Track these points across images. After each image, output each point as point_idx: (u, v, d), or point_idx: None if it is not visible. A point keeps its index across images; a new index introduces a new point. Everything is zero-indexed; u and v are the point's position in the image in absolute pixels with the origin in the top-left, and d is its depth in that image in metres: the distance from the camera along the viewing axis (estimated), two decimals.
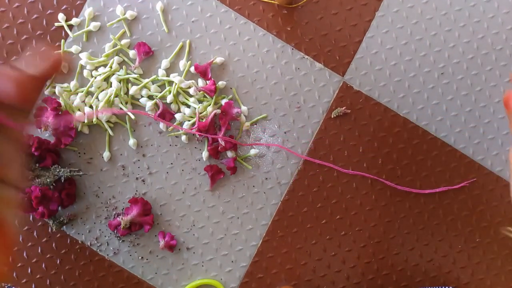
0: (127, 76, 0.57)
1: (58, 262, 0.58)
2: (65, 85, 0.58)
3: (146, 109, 0.57)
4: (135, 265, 0.58)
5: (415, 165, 0.59)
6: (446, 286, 0.58)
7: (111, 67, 0.57)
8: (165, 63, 0.58)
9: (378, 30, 0.59)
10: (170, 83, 0.58)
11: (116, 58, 0.58)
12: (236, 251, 0.58)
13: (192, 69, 0.58)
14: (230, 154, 0.58)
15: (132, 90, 0.57)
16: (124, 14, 0.58)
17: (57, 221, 0.56)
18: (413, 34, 0.59)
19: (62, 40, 0.58)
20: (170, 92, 0.57)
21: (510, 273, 0.59)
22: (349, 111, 0.59)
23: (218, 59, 0.58)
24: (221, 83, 0.58)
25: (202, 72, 0.57)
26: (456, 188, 0.59)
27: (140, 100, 0.58)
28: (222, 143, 0.56)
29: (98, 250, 0.57)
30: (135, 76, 0.57)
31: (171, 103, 0.58)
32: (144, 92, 0.57)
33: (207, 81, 0.58)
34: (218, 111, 0.57)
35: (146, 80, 0.57)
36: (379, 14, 0.59)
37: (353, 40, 0.59)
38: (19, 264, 0.57)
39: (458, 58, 0.59)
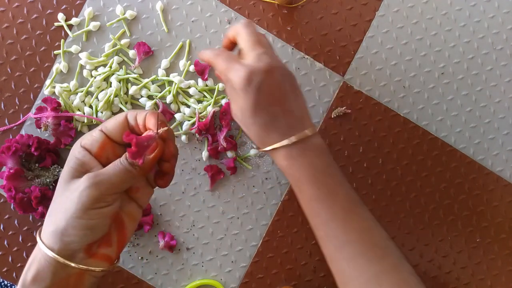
0: (126, 76, 0.57)
1: None
2: (65, 85, 0.58)
3: (146, 109, 0.57)
4: (135, 265, 0.58)
5: (416, 165, 0.59)
6: None
7: (110, 67, 0.57)
8: (165, 63, 0.58)
9: (378, 30, 0.59)
10: (170, 83, 0.58)
11: (115, 58, 0.58)
12: (236, 251, 0.58)
13: (192, 68, 0.58)
14: (230, 154, 0.58)
15: (132, 90, 0.57)
16: (124, 14, 0.58)
17: None
18: (413, 34, 0.59)
19: (62, 40, 0.58)
20: (169, 92, 0.57)
21: (511, 273, 0.59)
22: (349, 111, 0.59)
23: None
24: (221, 86, 0.58)
25: (200, 71, 0.57)
26: (456, 188, 0.59)
27: (139, 100, 0.58)
28: (224, 144, 0.56)
29: None
30: (135, 76, 0.57)
31: (170, 103, 0.57)
32: (144, 92, 0.57)
33: (205, 81, 0.58)
34: (217, 109, 0.57)
35: (146, 80, 0.57)
36: (379, 14, 0.59)
37: (353, 40, 0.59)
38: (19, 264, 0.57)
39: (458, 58, 0.59)
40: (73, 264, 0.37)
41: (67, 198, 0.37)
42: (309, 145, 0.43)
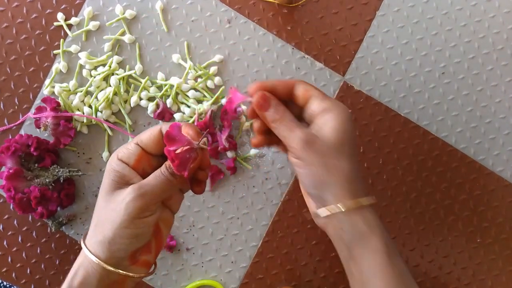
0: (127, 73, 0.57)
1: (57, 262, 0.58)
2: (64, 84, 0.57)
3: (147, 110, 0.57)
4: None
5: (416, 165, 0.59)
6: None
7: (110, 66, 0.57)
8: None
9: (379, 29, 0.59)
10: (170, 86, 0.58)
11: (115, 57, 0.57)
12: (236, 252, 0.58)
13: (191, 72, 0.58)
14: (230, 154, 0.58)
15: (133, 101, 0.57)
16: (124, 13, 0.58)
17: (56, 221, 0.56)
18: (414, 34, 0.59)
19: (61, 40, 0.58)
20: (169, 93, 0.57)
21: (511, 274, 0.59)
22: (349, 110, 0.58)
23: (217, 58, 0.58)
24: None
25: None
26: (457, 188, 0.59)
27: (140, 102, 0.57)
28: (226, 144, 0.56)
29: None
30: (133, 72, 0.57)
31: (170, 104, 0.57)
32: (144, 94, 0.57)
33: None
34: (215, 107, 0.57)
35: (145, 80, 0.57)
36: (380, 14, 0.59)
37: (353, 39, 0.59)
38: (18, 265, 0.57)
39: (459, 57, 0.59)
40: (120, 271, 0.39)
41: (113, 210, 0.39)
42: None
